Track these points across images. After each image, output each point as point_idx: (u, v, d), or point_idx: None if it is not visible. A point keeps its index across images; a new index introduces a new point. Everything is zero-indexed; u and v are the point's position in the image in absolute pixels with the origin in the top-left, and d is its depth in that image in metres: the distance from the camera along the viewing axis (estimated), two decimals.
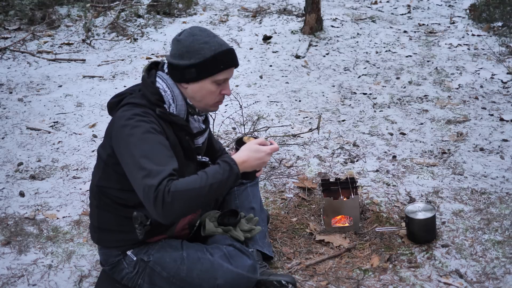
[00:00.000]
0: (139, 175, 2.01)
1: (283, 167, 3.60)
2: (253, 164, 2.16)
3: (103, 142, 2.30)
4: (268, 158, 2.21)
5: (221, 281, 2.30)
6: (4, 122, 4.31)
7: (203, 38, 2.19)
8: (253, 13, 6.81)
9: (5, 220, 3.12)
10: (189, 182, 2.01)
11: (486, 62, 5.25)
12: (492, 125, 4.08)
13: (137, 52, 5.82)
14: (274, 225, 3.01)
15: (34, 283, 2.63)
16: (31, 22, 6.49)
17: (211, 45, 2.18)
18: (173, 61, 2.21)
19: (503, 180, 3.38)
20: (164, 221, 2.02)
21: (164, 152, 2.08)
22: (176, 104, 2.23)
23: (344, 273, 2.65)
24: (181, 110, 2.25)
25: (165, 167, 2.02)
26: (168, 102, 2.22)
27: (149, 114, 2.17)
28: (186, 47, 2.18)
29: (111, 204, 2.31)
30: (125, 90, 2.33)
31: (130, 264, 2.36)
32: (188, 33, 2.21)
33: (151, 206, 1.97)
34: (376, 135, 4.00)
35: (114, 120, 2.22)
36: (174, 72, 2.22)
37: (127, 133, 2.10)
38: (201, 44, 2.18)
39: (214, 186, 2.03)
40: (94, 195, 2.36)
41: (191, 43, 2.18)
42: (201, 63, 2.17)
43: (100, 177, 2.31)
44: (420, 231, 2.83)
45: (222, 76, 2.22)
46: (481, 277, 2.60)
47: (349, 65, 5.36)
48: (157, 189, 1.95)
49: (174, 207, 1.97)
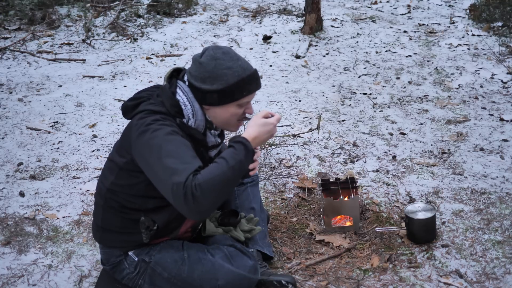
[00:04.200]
0: (166, 175, 1.98)
1: (283, 167, 3.60)
2: (264, 138, 2.14)
3: (119, 147, 2.27)
4: (276, 130, 2.19)
5: (222, 281, 2.30)
6: (4, 122, 4.31)
7: (226, 62, 2.14)
8: (253, 13, 6.80)
9: (5, 220, 3.12)
10: (211, 171, 1.97)
11: (486, 62, 5.25)
12: (492, 125, 4.08)
13: (137, 52, 5.82)
14: (274, 225, 3.01)
15: (34, 283, 2.63)
16: (31, 22, 6.49)
17: (235, 70, 2.15)
18: (195, 83, 2.17)
19: (503, 180, 3.38)
20: (199, 217, 2.00)
21: (188, 152, 2.05)
22: (195, 119, 2.20)
23: (344, 273, 2.65)
24: (200, 125, 2.23)
25: (190, 165, 1.99)
26: (187, 116, 2.19)
27: (169, 120, 2.14)
28: (209, 72, 2.14)
29: (118, 207, 2.30)
30: (142, 94, 2.27)
31: (131, 264, 2.36)
32: (211, 56, 2.16)
33: (182, 203, 1.93)
34: (376, 135, 4.00)
35: (131, 126, 2.18)
36: (195, 93, 2.19)
37: (148, 137, 2.07)
38: (224, 69, 2.14)
39: (236, 167, 2.01)
40: (101, 196, 2.35)
41: (214, 68, 2.14)
42: (224, 89, 2.14)
43: (113, 181, 2.28)
44: (420, 231, 2.83)
45: (246, 100, 2.20)
46: (481, 277, 2.60)
47: (349, 65, 5.36)
48: (185, 185, 1.92)
49: (205, 199, 1.93)
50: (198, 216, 1.99)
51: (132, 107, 2.24)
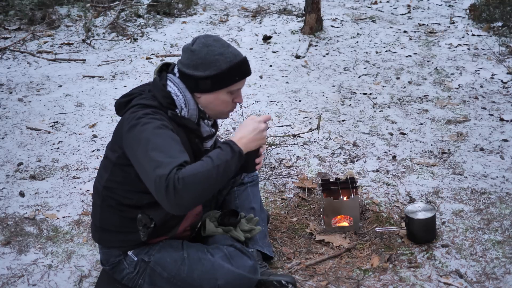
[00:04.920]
0: (150, 168, 1.99)
1: (283, 167, 3.60)
2: (251, 137, 2.15)
3: (112, 143, 2.29)
4: (263, 126, 2.18)
5: (221, 281, 2.30)
6: (4, 122, 4.31)
7: (218, 49, 2.18)
8: (253, 13, 6.81)
9: (5, 220, 3.12)
10: (196, 167, 1.99)
11: (486, 62, 5.25)
12: (492, 125, 4.08)
13: (137, 52, 5.82)
14: (274, 225, 3.01)
15: (34, 283, 2.63)
16: (31, 22, 6.49)
17: (226, 56, 2.18)
18: (186, 71, 2.20)
19: (503, 180, 3.38)
20: (178, 211, 2.00)
21: (176, 146, 2.06)
22: (188, 108, 2.23)
23: (344, 273, 2.65)
24: (192, 114, 2.25)
25: (176, 159, 2.00)
26: (180, 106, 2.22)
27: (159, 114, 2.16)
28: (201, 58, 2.17)
29: (115, 205, 2.30)
30: (134, 90, 2.30)
31: (130, 264, 2.36)
32: (203, 43, 2.19)
33: (164, 195, 1.94)
34: (376, 135, 4.00)
35: (123, 121, 2.20)
36: (187, 82, 2.21)
37: (138, 130, 2.09)
38: (217, 55, 2.17)
39: (221, 167, 2.02)
40: (98, 195, 2.35)
41: (206, 54, 2.17)
42: (216, 75, 2.17)
43: (108, 178, 2.29)
44: (420, 231, 2.83)
45: (237, 87, 2.23)
46: (481, 277, 2.60)
47: (349, 65, 5.36)
48: (167, 178, 1.93)
49: (187, 193, 1.94)
50: (178, 210, 1.99)
51: (125, 104, 2.27)
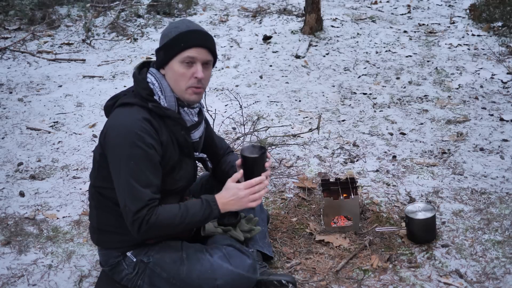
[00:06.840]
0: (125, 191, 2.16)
1: (283, 167, 3.60)
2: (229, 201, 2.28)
3: (97, 143, 2.33)
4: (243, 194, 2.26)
5: (221, 281, 2.30)
6: (4, 122, 4.31)
7: (176, 24, 2.26)
8: (253, 13, 6.80)
9: (5, 220, 3.12)
10: (168, 217, 2.18)
11: (486, 62, 5.25)
12: (492, 125, 4.08)
13: (137, 52, 5.82)
14: (274, 225, 3.01)
15: (34, 283, 2.63)
16: (31, 22, 6.49)
17: (180, 28, 2.23)
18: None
19: (503, 180, 3.38)
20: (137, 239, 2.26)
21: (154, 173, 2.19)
22: (165, 95, 2.25)
23: (344, 273, 2.65)
24: (171, 101, 2.26)
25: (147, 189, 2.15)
26: (157, 94, 2.25)
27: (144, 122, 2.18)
28: (162, 33, 2.28)
29: (109, 205, 2.31)
30: (120, 93, 2.36)
31: (130, 265, 2.36)
32: (170, 23, 2.32)
33: (129, 224, 2.18)
34: (376, 135, 4.00)
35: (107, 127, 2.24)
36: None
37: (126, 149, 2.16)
38: (172, 29, 2.25)
39: (190, 224, 2.25)
40: (92, 196, 2.38)
41: (166, 29, 2.28)
42: (166, 43, 2.23)
43: (96, 177, 2.33)
44: (420, 231, 2.83)
45: (187, 54, 2.20)
46: (481, 277, 2.60)
47: (349, 65, 5.36)
48: (135, 215, 2.13)
49: (149, 234, 2.20)
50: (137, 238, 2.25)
51: (111, 106, 2.32)
